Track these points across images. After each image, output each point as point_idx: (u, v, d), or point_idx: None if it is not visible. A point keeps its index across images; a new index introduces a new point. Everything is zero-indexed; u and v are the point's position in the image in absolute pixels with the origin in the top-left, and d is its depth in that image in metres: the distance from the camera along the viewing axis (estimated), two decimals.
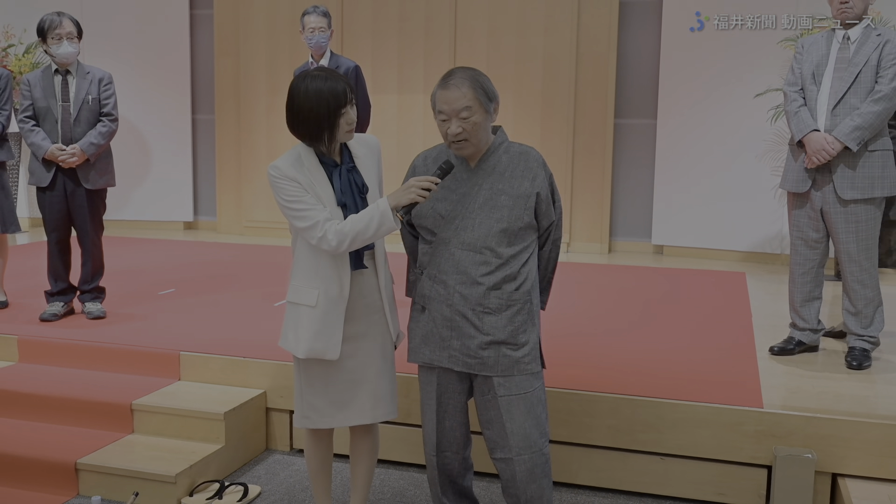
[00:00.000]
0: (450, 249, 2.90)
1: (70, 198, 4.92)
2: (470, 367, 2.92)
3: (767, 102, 6.86)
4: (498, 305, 2.88)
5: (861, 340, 4.27)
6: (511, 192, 2.88)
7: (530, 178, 2.89)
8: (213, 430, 3.96)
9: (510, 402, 2.92)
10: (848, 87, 4.05)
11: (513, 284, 2.89)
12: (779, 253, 7.23)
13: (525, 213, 2.88)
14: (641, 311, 5.45)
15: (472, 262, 2.87)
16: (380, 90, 8.04)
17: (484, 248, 2.86)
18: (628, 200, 7.87)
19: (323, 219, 2.83)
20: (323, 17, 5.27)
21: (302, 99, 2.82)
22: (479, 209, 2.88)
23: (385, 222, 2.80)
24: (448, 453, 3.12)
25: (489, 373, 2.91)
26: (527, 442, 2.95)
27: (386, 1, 8.09)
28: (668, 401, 3.71)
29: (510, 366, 2.90)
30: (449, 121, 2.82)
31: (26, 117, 4.86)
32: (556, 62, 7.72)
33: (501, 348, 2.89)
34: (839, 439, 3.53)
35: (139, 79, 8.59)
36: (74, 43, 4.83)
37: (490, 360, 2.90)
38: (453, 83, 2.82)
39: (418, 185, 2.78)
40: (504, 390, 2.92)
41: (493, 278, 2.87)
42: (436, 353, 2.98)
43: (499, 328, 2.88)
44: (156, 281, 6.16)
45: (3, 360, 4.63)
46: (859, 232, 4.12)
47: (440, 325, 2.94)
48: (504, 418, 2.93)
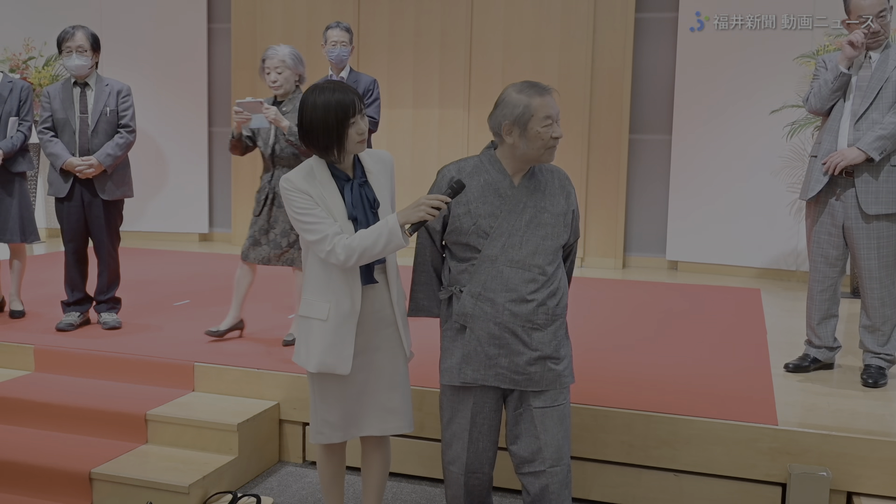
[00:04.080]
0: (497, 267, 2.90)
1: (87, 208, 4.96)
2: (517, 384, 2.95)
3: (783, 119, 6.85)
4: (545, 321, 2.93)
5: (877, 358, 4.24)
6: (553, 210, 2.96)
7: (565, 195, 3.00)
8: (227, 441, 3.97)
9: (545, 415, 2.97)
10: (870, 104, 4.05)
11: (555, 300, 2.95)
12: (794, 270, 7.19)
13: (564, 230, 2.98)
14: (656, 326, 5.44)
15: (521, 280, 2.90)
16: (395, 104, 8.08)
17: (532, 266, 2.91)
18: (643, 216, 7.85)
19: (332, 233, 2.84)
20: (345, 32, 5.36)
21: (311, 111, 2.86)
22: (525, 227, 2.92)
23: (394, 239, 2.80)
24: (479, 474, 3.12)
25: (535, 388, 2.96)
26: (559, 454, 2.99)
27: (401, 15, 8.13)
28: (683, 417, 3.70)
29: (553, 380, 2.97)
30: (552, 125, 2.89)
31: (45, 128, 4.92)
32: (571, 77, 7.73)
33: (546, 363, 2.95)
34: (855, 457, 3.50)
35: (157, 91, 8.67)
36: (85, 56, 4.87)
37: (536, 375, 2.94)
38: (546, 90, 2.91)
39: (428, 203, 2.77)
40: (540, 402, 2.97)
41: (540, 295, 2.91)
42: (480, 373, 2.96)
43: (545, 343, 2.93)
44: (171, 292, 6.19)
45: (19, 369, 4.66)
46: (881, 248, 4.11)
47: (486, 343, 2.93)
48: (538, 430, 2.97)
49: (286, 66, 4.53)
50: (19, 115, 5.22)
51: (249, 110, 4.38)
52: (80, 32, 4.87)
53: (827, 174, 4.12)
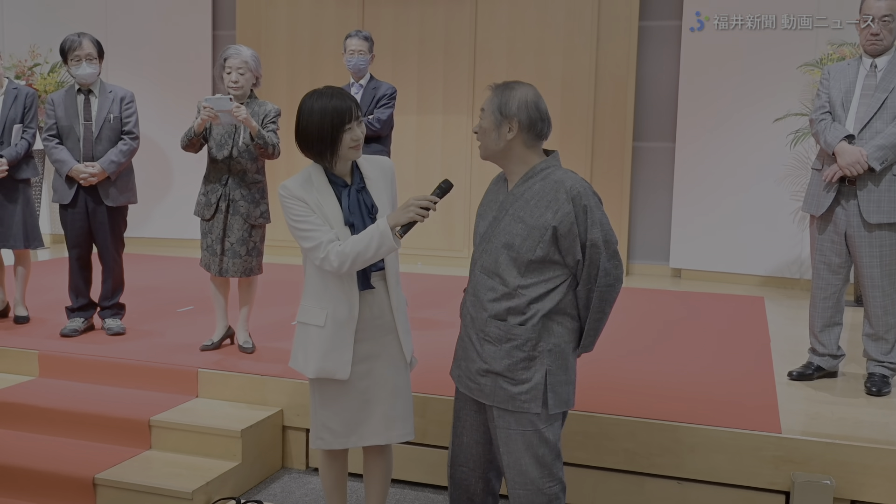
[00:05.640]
0: (474, 270, 2.92)
1: (91, 215, 4.97)
2: (471, 391, 2.91)
3: (787, 127, 6.85)
4: (497, 336, 2.81)
5: (881, 366, 4.23)
6: (529, 221, 2.76)
7: (553, 210, 2.73)
8: (230, 447, 3.97)
9: (508, 436, 2.86)
10: (874, 113, 4.05)
11: (517, 318, 2.79)
12: (798, 278, 7.18)
13: (539, 246, 2.74)
14: (658, 334, 5.44)
15: (483, 287, 2.86)
16: (399, 111, 8.00)
17: (494, 275, 2.83)
18: (646, 223, 7.85)
19: (326, 240, 2.87)
20: (364, 41, 5.37)
21: (307, 115, 2.90)
22: (499, 234, 2.84)
23: (385, 242, 2.82)
24: (464, 468, 3.07)
25: (486, 401, 2.87)
26: (522, 478, 2.86)
27: (406, 22, 8.16)
28: (686, 425, 3.69)
29: (506, 399, 2.82)
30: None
31: (50, 135, 4.94)
32: (574, 85, 7.74)
33: (498, 379, 2.83)
34: (858, 466, 3.50)
35: (162, 98, 8.68)
36: (94, 64, 4.90)
37: (487, 388, 2.85)
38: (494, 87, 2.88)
39: (417, 205, 2.80)
40: (503, 422, 2.86)
41: (496, 307, 2.82)
42: (454, 371, 3.02)
43: (496, 359, 2.82)
44: (175, 298, 6.21)
45: (23, 374, 4.67)
46: (883, 257, 4.10)
47: (459, 343, 2.98)
48: (503, 450, 2.89)
49: (248, 67, 4.51)
50: (24, 122, 5.24)
51: (219, 108, 4.34)
52: (86, 40, 4.88)
53: (829, 186, 4.13)
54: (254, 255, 4.60)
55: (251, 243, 4.57)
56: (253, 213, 4.57)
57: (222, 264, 4.55)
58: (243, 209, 4.53)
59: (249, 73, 4.52)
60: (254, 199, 4.58)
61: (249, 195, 4.56)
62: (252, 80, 4.56)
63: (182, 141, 4.56)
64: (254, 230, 4.60)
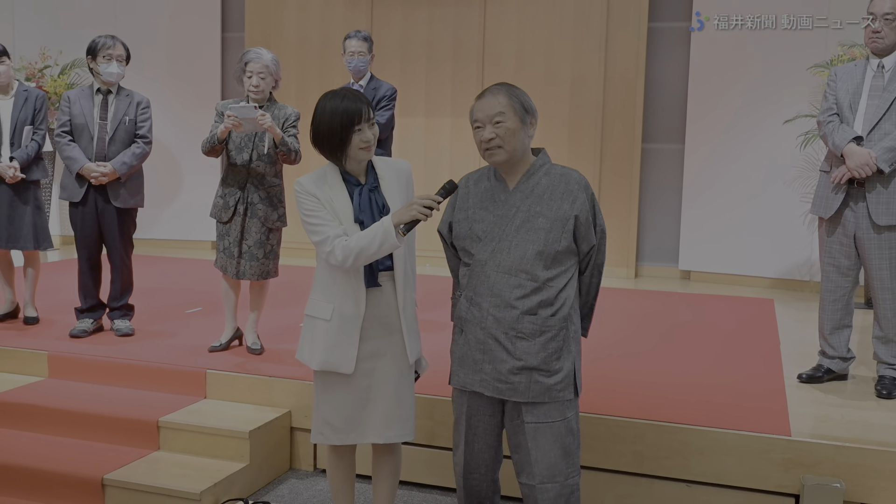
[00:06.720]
0: (486, 272, 2.89)
1: (101, 215, 4.99)
2: (500, 393, 2.90)
3: (796, 129, 6.83)
4: (532, 331, 2.84)
5: (891, 369, 4.21)
6: (549, 214, 2.84)
7: (570, 200, 2.85)
8: (238, 448, 3.98)
9: (536, 430, 2.90)
10: (883, 114, 4.04)
11: (549, 310, 2.85)
12: (808, 280, 7.15)
13: (563, 236, 2.84)
14: (668, 336, 5.42)
15: (506, 286, 2.85)
16: (407, 113, 8.08)
17: (520, 272, 2.84)
18: (655, 225, 7.83)
19: (333, 234, 2.92)
20: (363, 42, 5.37)
21: (320, 115, 2.96)
22: (515, 231, 2.85)
23: (388, 239, 2.84)
24: (476, 475, 3.10)
25: (519, 398, 2.88)
26: (551, 471, 2.91)
27: (414, 24, 8.16)
28: (695, 427, 3.68)
29: (541, 392, 2.86)
30: (483, 128, 2.84)
31: (63, 132, 4.96)
32: (583, 86, 7.73)
33: (533, 374, 2.86)
34: (868, 469, 3.48)
35: (171, 99, 8.70)
36: (122, 65, 4.99)
37: (521, 385, 2.86)
38: (488, 92, 2.87)
39: (420, 203, 2.81)
40: (532, 417, 2.89)
41: (527, 302, 2.84)
42: (469, 377, 2.96)
43: (531, 354, 2.85)
44: (184, 300, 6.22)
45: (33, 375, 4.69)
46: (892, 259, 4.08)
47: (474, 347, 2.93)
48: (530, 445, 2.91)
49: (269, 71, 4.53)
50: (34, 124, 5.27)
51: (243, 116, 4.36)
52: (119, 42, 4.98)
53: (837, 188, 4.11)
54: (271, 259, 4.62)
55: (268, 246, 4.59)
56: (270, 216, 4.59)
57: (239, 267, 4.57)
58: (261, 212, 4.55)
59: (270, 77, 4.55)
60: (272, 202, 4.60)
61: (267, 199, 4.58)
62: (272, 83, 4.58)
63: (203, 147, 4.58)
64: (271, 233, 4.62)
